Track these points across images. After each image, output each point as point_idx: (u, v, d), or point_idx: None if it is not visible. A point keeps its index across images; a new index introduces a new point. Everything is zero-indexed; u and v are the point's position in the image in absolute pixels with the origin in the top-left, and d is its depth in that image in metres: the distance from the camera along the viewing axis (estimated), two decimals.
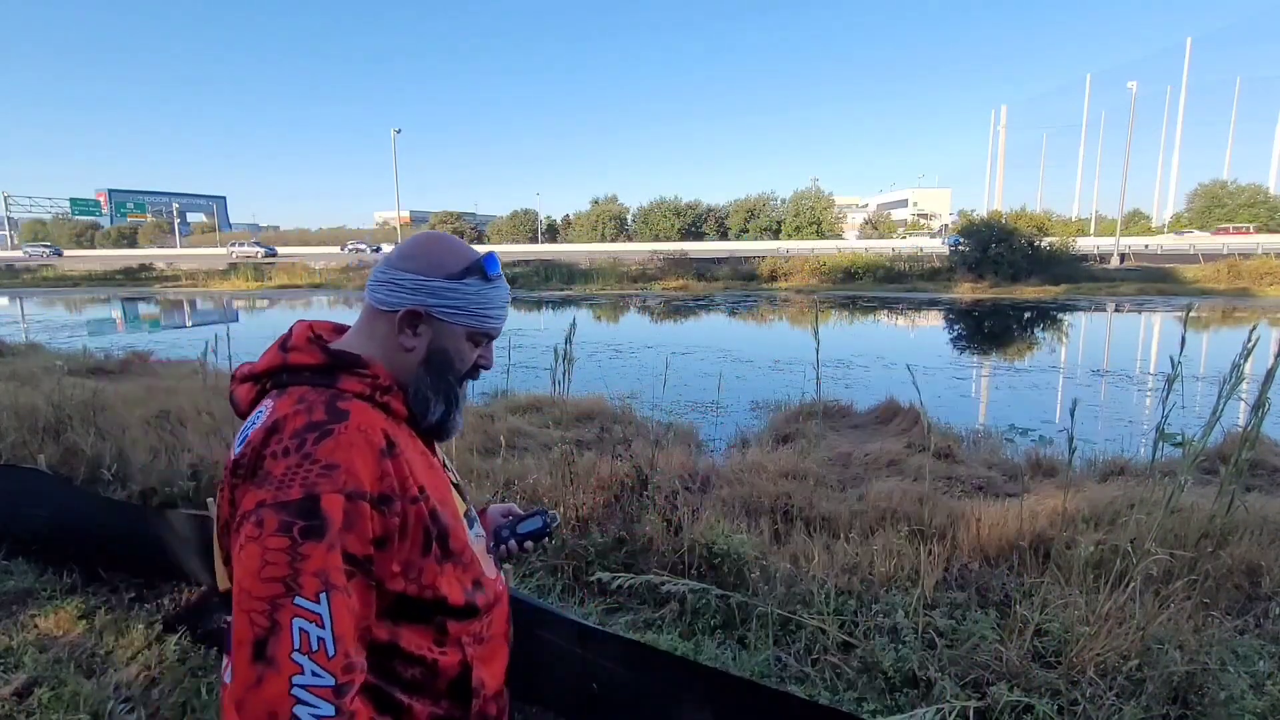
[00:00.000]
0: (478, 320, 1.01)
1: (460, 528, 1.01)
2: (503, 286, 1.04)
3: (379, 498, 0.86)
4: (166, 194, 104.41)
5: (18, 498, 3.66)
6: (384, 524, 0.86)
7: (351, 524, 0.82)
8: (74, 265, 46.15)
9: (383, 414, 0.94)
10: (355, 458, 0.85)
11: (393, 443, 0.91)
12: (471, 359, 1.04)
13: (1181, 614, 2.52)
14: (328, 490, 0.82)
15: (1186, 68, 68.93)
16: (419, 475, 0.94)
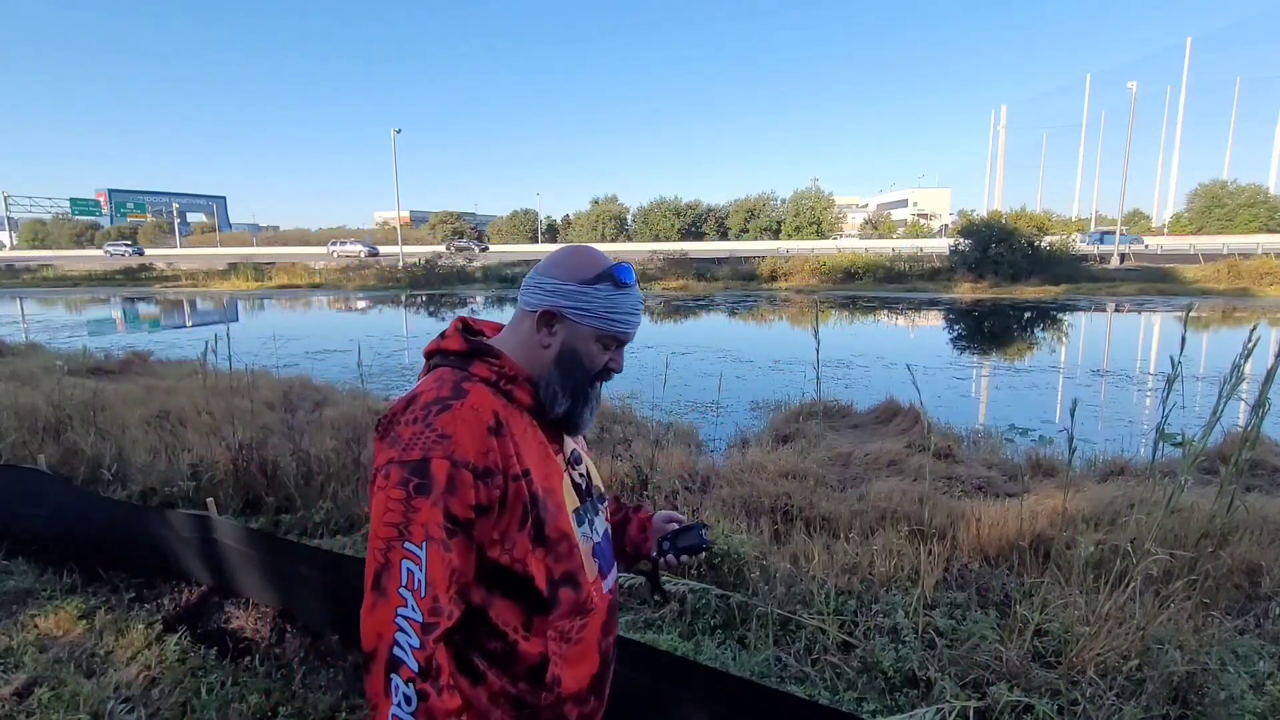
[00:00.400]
0: (605, 323, 1.07)
1: (562, 518, 1.07)
2: (633, 294, 1.09)
3: (481, 470, 0.97)
4: (166, 194, 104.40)
5: (18, 498, 3.66)
6: (484, 493, 0.97)
7: (454, 488, 0.95)
8: (74, 265, 46.14)
9: (503, 400, 1.05)
10: (464, 431, 0.97)
11: (502, 424, 1.01)
12: (601, 361, 1.10)
13: (1181, 614, 2.52)
14: (438, 456, 0.95)
15: (1186, 68, 68.96)
16: (527, 458, 1.03)
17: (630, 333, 1.11)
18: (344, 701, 2.36)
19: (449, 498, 0.95)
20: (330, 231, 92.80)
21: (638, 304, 1.11)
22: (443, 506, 0.94)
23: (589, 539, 1.12)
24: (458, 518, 0.95)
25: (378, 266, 36.12)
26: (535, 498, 1.03)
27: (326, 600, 2.70)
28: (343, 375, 9.54)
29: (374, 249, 54.31)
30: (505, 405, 1.05)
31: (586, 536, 1.12)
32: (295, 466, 4.18)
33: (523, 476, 1.02)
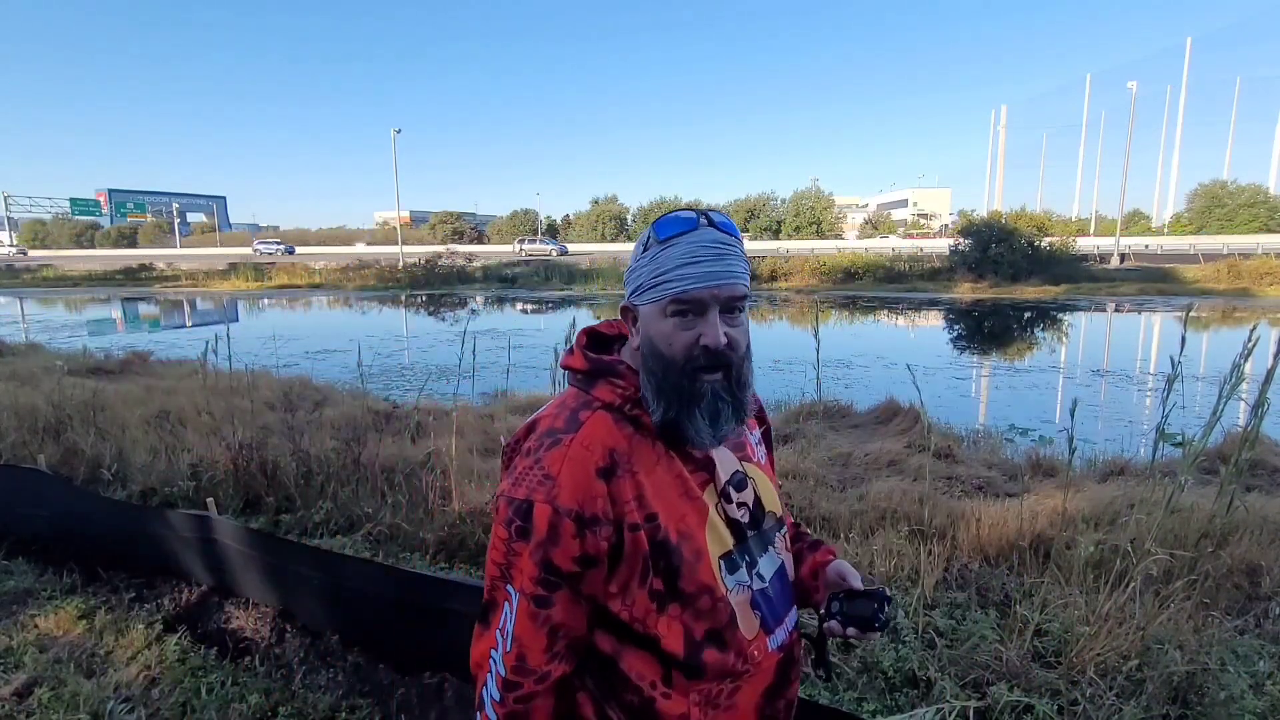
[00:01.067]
0: (657, 289, 0.88)
1: (703, 569, 0.89)
2: (679, 243, 0.87)
3: (587, 518, 0.85)
4: (166, 194, 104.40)
5: (18, 498, 3.66)
6: (590, 544, 0.85)
7: (556, 537, 0.85)
8: (74, 265, 46.15)
9: (630, 428, 0.90)
10: (570, 473, 0.86)
11: (618, 463, 0.87)
12: (682, 340, 0.87)
13: (1181, 614, 2.52)
14: (540, 499, 0.86)
15: (1186, 68, 68.96)
16: (654, 500, 0.88)
17: (691, 289, 0.85)
18: (344, 702, 2.36)
19: (550, 547, 0.85)
20: (330, 232, 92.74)
21: (695, 250, 0.86)
22: (540, 557, 0.85)
23: (745, 588, 0.93)
24: (559, 570, 0.85)
25: (377, 266, 36.10)
26: (662, 547, 0.87)
27: (326, 600, 2.70)
28: (343, 375, 9.54)
29: (290, 249, 53.51)
30: (632, 435, 0.90)
31: (742, 585, 0.92)
32: (295, 466, 4.18)
33: (643, 525, 0.87)
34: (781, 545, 1.02)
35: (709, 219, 0.89)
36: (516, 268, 34.81)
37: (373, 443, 4.66)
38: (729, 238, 0.89)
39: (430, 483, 3.85)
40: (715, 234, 0.88)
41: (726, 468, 0.95)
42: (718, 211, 0.91)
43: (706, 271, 0.86)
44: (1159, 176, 73.52)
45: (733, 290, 0.87)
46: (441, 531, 3.49)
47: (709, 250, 0.86)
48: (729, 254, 0.88)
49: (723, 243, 0.87)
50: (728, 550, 0.92)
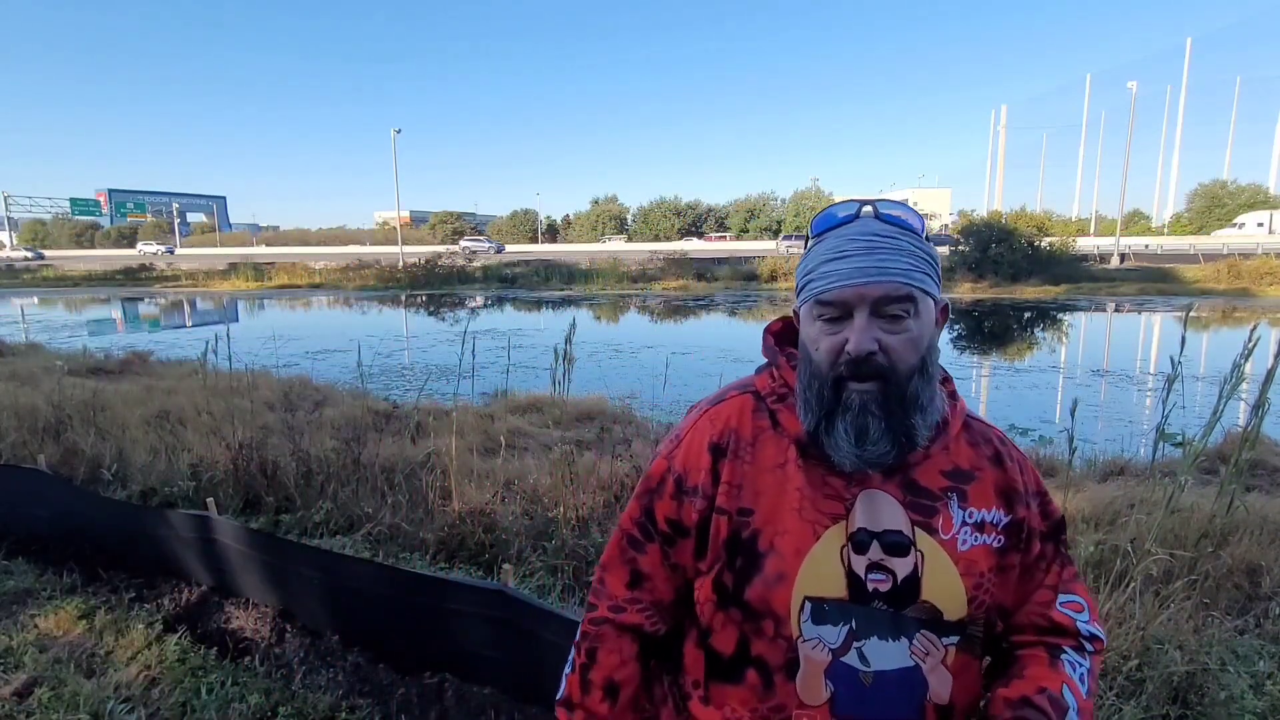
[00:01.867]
0: (806, 290, 0.81)
1: (778, 594, 0.78)
2: (829, 237, 0.80)
3: (686, 485, 0.86)
4: (166, 194, 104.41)
5: (18, 498, 3.66)
6: (683, 511, 0.86)
7: (660, 491, 0.88)
8: (73, 265, 46.15)
9: (766, 419, 0.86)
10: (689, 439, 0.88)
11: (733, 445, 0.84)
12: (825, 345, 0.78)
13: (1181, 614, 2.52)
14: (663, 454, 0.91)
15: (1186, 68, 68.95)
16: (760, 496, 0.81)
17: (833, 288, 0.76)
18: (344, 702, 2.36)
19: (655, 498, 0.89)
20: (330, 232, 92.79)
21: (842, 245, 0.77)
22: (645, 503, 0.90)
23: (827, 649, 0.78)
24: (655, 522, 0.88)
25: (377, 266, 36.11)
26: (742, 545, 0.80)
27: (326, 600, 2.70)
28: (343, 375, 9.54)
29: (171, 249, 52.25)
30: (765, 427, 0.85)
31: (825, 644, 0.78)
32: (295, 466, 4.18)
33: (731, 513, 0.81)
34: (930, 651, 0.78)
35: (875, 210, 0.80)
36: (516, 268, 34.80)
37: (373, 443, 4.66)
38: (893, 229, 0.78)
39: (430, 483, 3.85)
40: (874, 225, 0.78)
41: (876, 516, 0.79)
42: (893, 201, 0.81)
43: (853, 268, 0.76)
44: (1159, 176, 73.54)
45: (886, 289, 0.75)
46: (441, 531, 3.49)
47: (859, 244, 0.76)
48: (886, 246, 0.76)
49: (880, 235, 0.77)
50: (824, 597, 0.77)
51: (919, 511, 0.80)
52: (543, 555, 3.29)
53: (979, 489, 0.83)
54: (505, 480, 4.15)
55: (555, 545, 3.32)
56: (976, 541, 0.81)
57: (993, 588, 0.82)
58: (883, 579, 0.77)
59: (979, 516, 0.82)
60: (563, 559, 3.23)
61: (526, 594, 2.56)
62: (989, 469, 0.86)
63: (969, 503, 0.82)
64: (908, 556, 0.78)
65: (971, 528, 0.81)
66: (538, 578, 3.18)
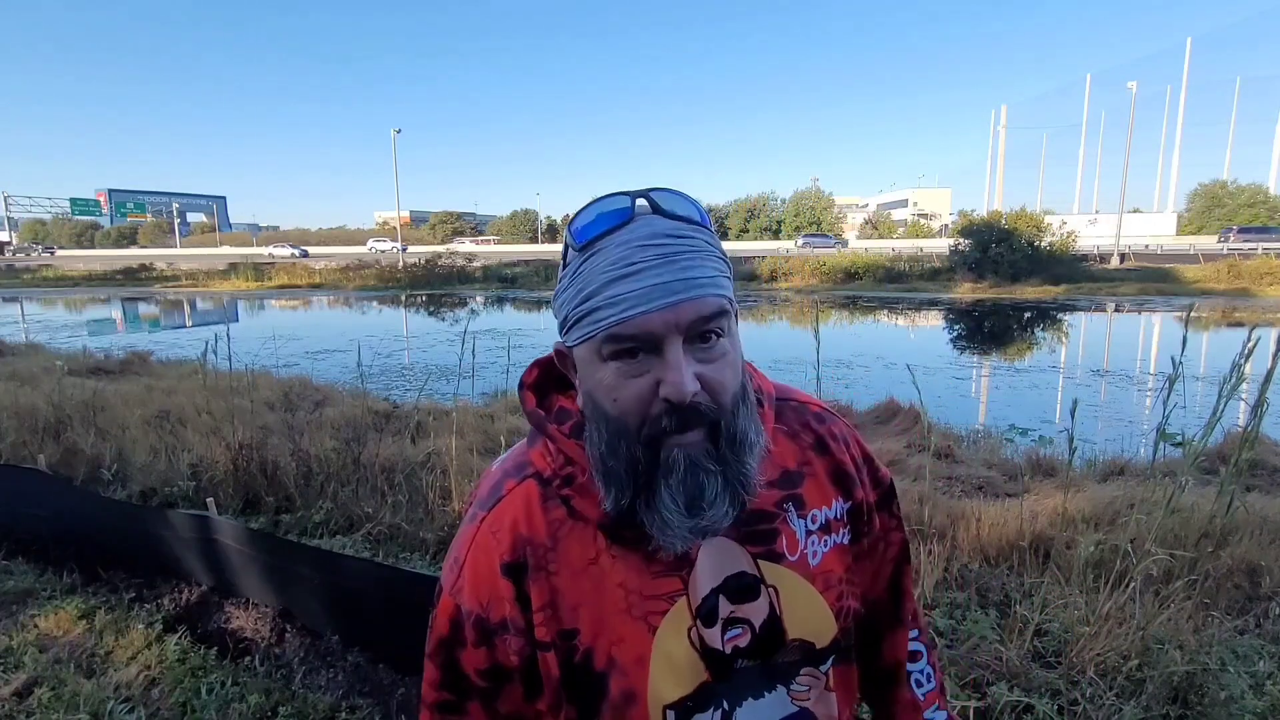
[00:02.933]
0: (584, 321, 0.59)
1: (634, 713, 0.65)
2: (606, 247, 0.58)
3: (490, 624, 0.66)
4: (166, 194, 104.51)
5: (18, 498, 3.66)
6: (496, 655, 0.66)
7: (460, 640, 0.67)
8: (74, 265, 46.17)
9: (561, 509, 0.66)
10: (472, 564, 0.67)
11: (527, 560, 0.65)
12: (629, 392, 0.58)
13: (1181, 614, 2.52)
14: (446, 590, 0.68)
15: (1186, 68, 68.96)
16: (571, 614, 0.65)
17: (631, 315, 0.56)
18: (344, 702, 2.36)
19: (454, 650, 0.67)
20: (330, 232, 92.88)
21: (629, 255, 0.57)
22: (442, 661, 0.68)
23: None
24: (465, 679, 0.68)
25: (377, 266, 36.12)
26: (578, 675, 0.65)
27: (326, 600, 2.70)
28: (343, 375, 9.55)
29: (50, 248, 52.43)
30: (562, 521, 0.66)
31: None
32: (295, 466, 4.18)
33: (554, 643, 0.65)
34: (811, 689, 0.70)
35: (651, 202, 0.60)
36: (516, 268, 34.80)
37: (373, 443, 4.66)
38: (684, 224, 0.59)
39: (430, 483, 3.85)
40: (660, 224, 0.58)
41: (717, 567, 0.66)
42: (665, 189, 0.61)
43: (651, 286, 0.56)
44: (1159, 176, 73.56)
45: (699, 307, 0.57)
46: (441, 531, 3.49)
47: (653, 251, 0.57)
48: (686, 249, 0.58)
49: (674, 235, 0.58)
50: (685, 695, 0.65)
51: (757, 542, 0.68)
52: None
53: (812, 487, 0.72)
54: None
55: None
56: (826, 547, 0.71)
57: (853, 587, 0.74)
58: (739, 633, 0.66)
59: (822, 518, 0.72)
60: None
61: None
62: (815, 459, 0.73)
63: (807, 507, 0.71)
64: (760, 598, 0.67)
65: (817, 534, 0.71)
66: None
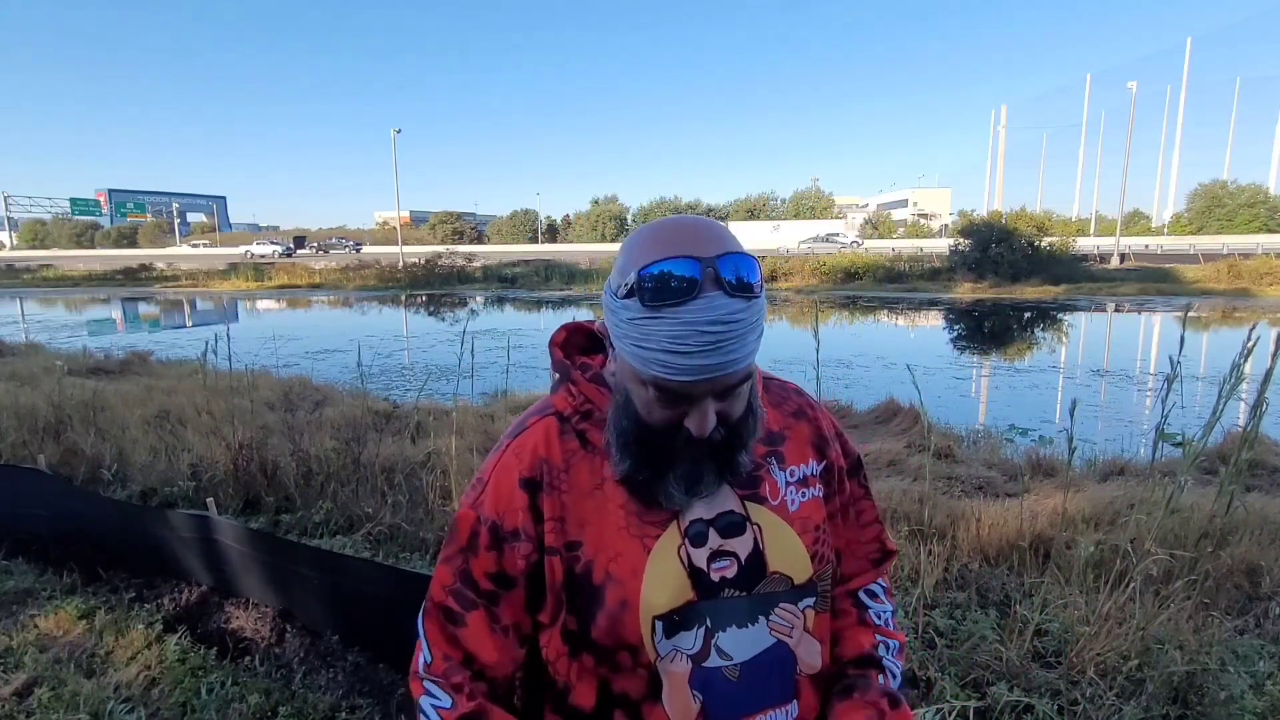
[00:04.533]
0: (636, 357, 0.69)
1: (626, 623, 0.73)
2: (668, 320, 0.65)
3: (504, 531, 0.77)
4: (166, 194, 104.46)
5: (18, 498, 3.66)
6: (505, 561, 0.77)
7: (474, 547, 0.78)
8: (74, 265, 46.17)
9: (575, 441, 0.79)
10: (495, 480, 0.79)
11: (546, 476, 0.77)
12: (661, 415, 0.71)
13: (1181, 614, 2.52)
14: (467, 504, 0.81)
15: (1186, 68, 68.94)
16: (577, 527, 0.76)
17: (675, 380, 0.67)
18: (344, 701, 2.36)
19: (468, 556, 0.78)
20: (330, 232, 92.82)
21: (685, 335, 0.65)
22: (457, 566, 0.79)
23: (684, 658, 0.74)
24: (475, 584, 0.78)
25: (377, 266, 36.10)
26: (579, 583, 0.75)
27: (326, 600, 2.70)
28: (343, 375, 9.55)
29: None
30: (575, 450, 0.79)
31: (681, 654, 0.74)
32: (295, 466, 4.18)
33: (561, 551, 0.76)
34: (790, 622, 0.79)
35: (717, 277, 0.66)
36: (516, 268, 34.79)
37: (373, 443, 4.66)
38: (739, 307, 0.66)
39: (430, 483, 3.86)
40: (721, 306, 0.65)
41: (709, 504, 0.77)
42: (734, 257, 0.68)
43: (698, 365, 0.66)
44: (1159, 176, 73.55)
45: (729, 380, 0.69)
46: (441, 531, 3.49)
47: (707, 338, 0.65)
48: (733, 335, 0.66)
49: (730, 320, 0.66)
50: (673, 608, 0.74)
51: (744, 485, 0.79)
52: None
53: (793, 446, 0.85)
54: None
55: None
56: (804, 498, 0.83)
57: (827, 537, 0.85)
58: (727, 564, 0.76)
59: (800, 472, 0.84)
60: None
61: None
62: (795, 424, 0.87)
63: (787, 462, 0.84)
64: (745, 534, 0.77)
65: (795, 485, 0.83)
66: None
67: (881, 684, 0.85)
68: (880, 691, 0.83)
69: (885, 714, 0.81)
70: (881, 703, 0.82)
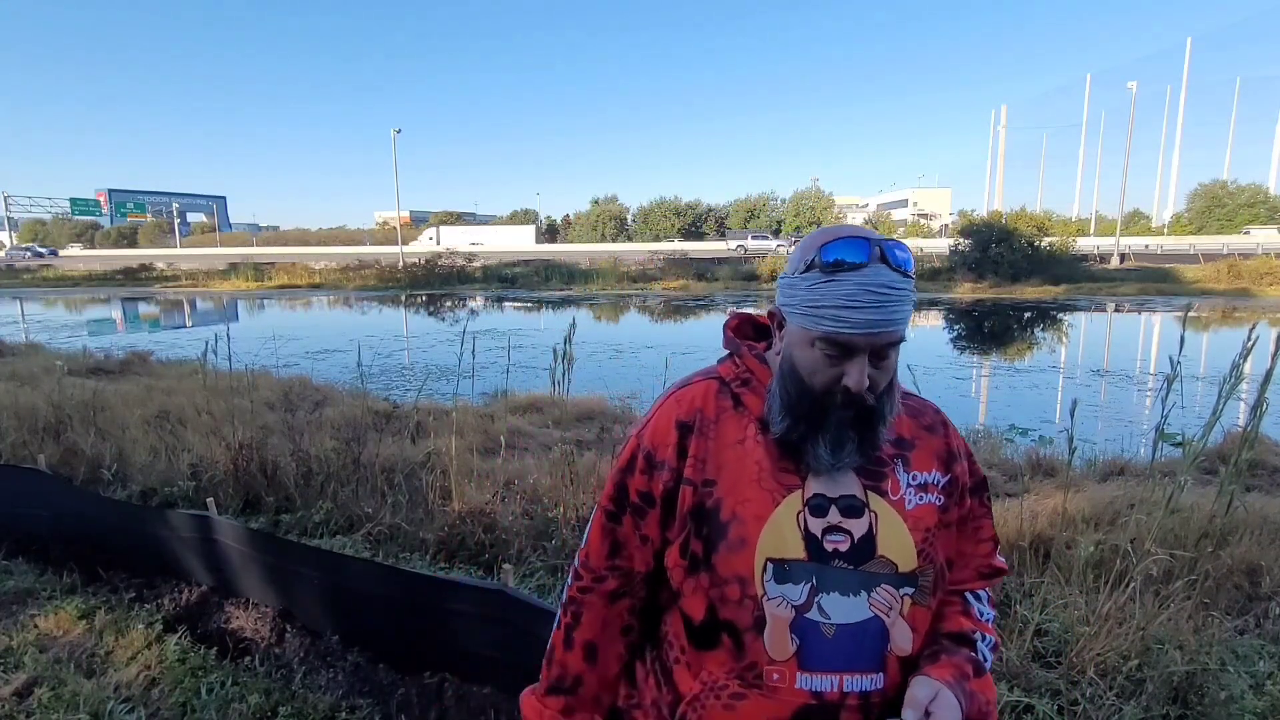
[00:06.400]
0: (809, 319, 0.83)
1: (741, 558, 0.85)
2: (844, 281, 0.81)
3: (655, 459, 0.93)
4: (166, 194, 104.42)
5: (18, 498, 3.66)
6: (652, 483, 0.92)
7: (631, 467, 0.95)
8: (73, 265, 46.16)
9: (730, 401, 0.94)
10: (658, 418, 0.95)
11: (700, 422, 0.92)
12: (826, 375, 0.84)
13: (1181, 614, 2.52)
14: (634, 433, 0.98)
15: (1186, 68, 68.92)
16: (722, 469, 0.89)
17: (844, 332, 0.81)
18: (344, 702, 2.36)
19: (627, 474, 0.96)
20: (330, 232, 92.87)
21: (858, 295, 0.80)
22: (618, 480, 0.97)
23: (790, 606, 0.84)
24: (628, 495, 0.95)
25: (377, 266, 36.10)
26: (708, 514, 0.88)
27: (326, 600, 2.70)
28: (343, 375, 9.54)
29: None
30: (729, 408, 0.93)
31: (788, 601, 0.84)
32: (295, 466, 4.18)
33: (697, 483, 0.89)
34: (890, 603, 0.86)
35: (883, 254, 0.82)
36: (516, 268, 34.78)
37: (373, 443, 4.66)
38: (901, 278, 0.82)
39: (430, 483, 3.85)
40: (887, 275, 0.81)
41: (834, 484, 0.87)
42: (896, 242, 0.84)
43: (867, 320, 0.80)
44: (1159, 176, 73.53)
45: (889, 338, 0.82)
46: (441, 531, 3.49)
47: (874, 296, 0.80)
48: (895, 299, 0.81)
49: (892, 287, 0.81)
50: (785, 558, 0.85)
51: (869, 477, 0.89)
52: (543, 555, 3.29)
53: (920, 454, 0.94)
54: (505, 480, 4.15)
55: (555, 545, 3.32)
56: (921, 501, 0.91)
57: (937, 541, 0.91)
58: (841, 539, 0.86)
59: (922, 479, 0.92)
60: (563, 559, 3.23)
61: (527, 594, 2.55)
62: (927, 436, 0.96)
63: (912, 467, 0.93)
64: (862, 518, 0.87)
65: (915, 489, 0.91)
66: (538, 578, 3.18)
67: (969, 654, 0.91)
68: (967, 656, 0.90)
69: (969, 676, 0.88)
70: (965, 666, 0.89)
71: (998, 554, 1.03)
